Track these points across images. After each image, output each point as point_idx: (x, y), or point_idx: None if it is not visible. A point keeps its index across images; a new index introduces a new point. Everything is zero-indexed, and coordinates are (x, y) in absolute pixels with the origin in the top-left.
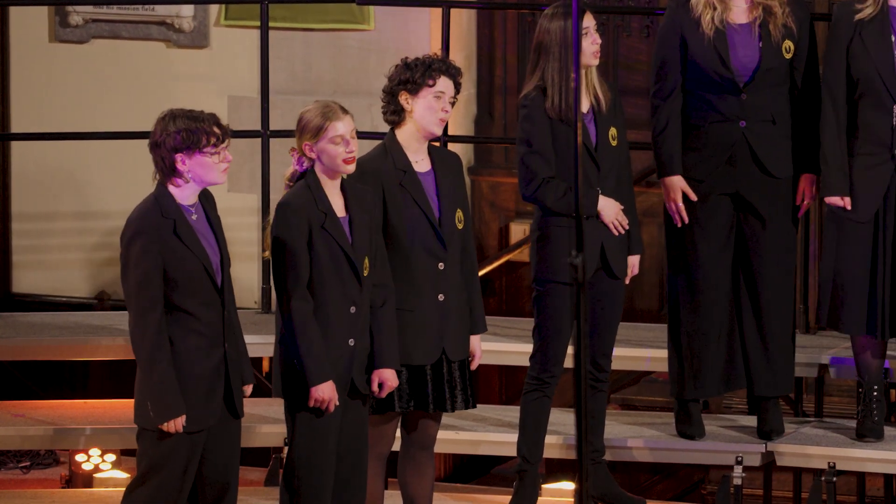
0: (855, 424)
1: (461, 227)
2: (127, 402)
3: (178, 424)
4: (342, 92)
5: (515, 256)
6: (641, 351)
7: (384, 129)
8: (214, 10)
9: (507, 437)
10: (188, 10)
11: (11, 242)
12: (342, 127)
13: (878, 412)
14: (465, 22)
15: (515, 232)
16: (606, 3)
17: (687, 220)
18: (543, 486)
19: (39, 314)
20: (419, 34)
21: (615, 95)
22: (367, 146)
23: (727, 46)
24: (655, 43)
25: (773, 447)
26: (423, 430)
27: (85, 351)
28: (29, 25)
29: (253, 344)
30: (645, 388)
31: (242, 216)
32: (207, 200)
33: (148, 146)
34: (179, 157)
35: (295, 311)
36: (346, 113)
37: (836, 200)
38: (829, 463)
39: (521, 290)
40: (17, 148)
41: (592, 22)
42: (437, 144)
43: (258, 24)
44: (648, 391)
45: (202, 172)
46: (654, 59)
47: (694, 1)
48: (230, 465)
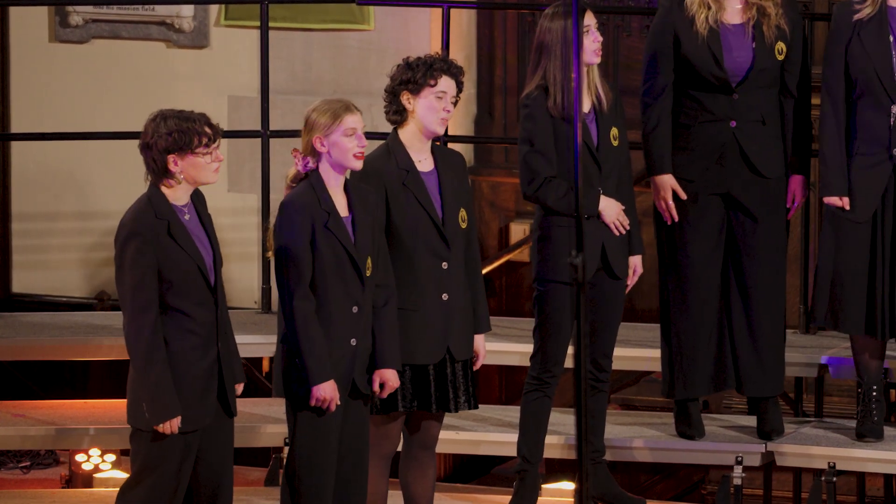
0: (855, 424)
1: (465, 226)
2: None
3: (173, 425)
4: (342, 92)
5: (515, 256)
6: (641, 351)
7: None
8: (214, 10)
9: (507, 437)
10: (188, 10)
11: (11, 242)
12: (355, 121)
13: (877, 412)
14: (465, 22)
15: (515, 232)
16: (606, 3)
17: (677, 218)
18: (543, 486)
19: (39, 314)
20: (419, 34)
21: (616, 95)
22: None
23: (721, 46)
24: (647, 40)
25: (773, 447)
26: (425, 429)
27: (85, 351)
28: (29, 25)
29: (253, 344)
30: (645, 388)
31: (242, 216)
32: (199, 200)
33: (139, 147)
34: (171, 157)
35: (297, 310)
36: (357, 109)
37: (834, 200)
38: (829, 463)
39: (521, 290)
40: (17, 148)
41: (593, 20)
42: (438, 144)
43: (258, 24)
44: (648, 391)
45: (194, 173)
46: (645, 56)
47: (689, 0)
48: (224, 464)
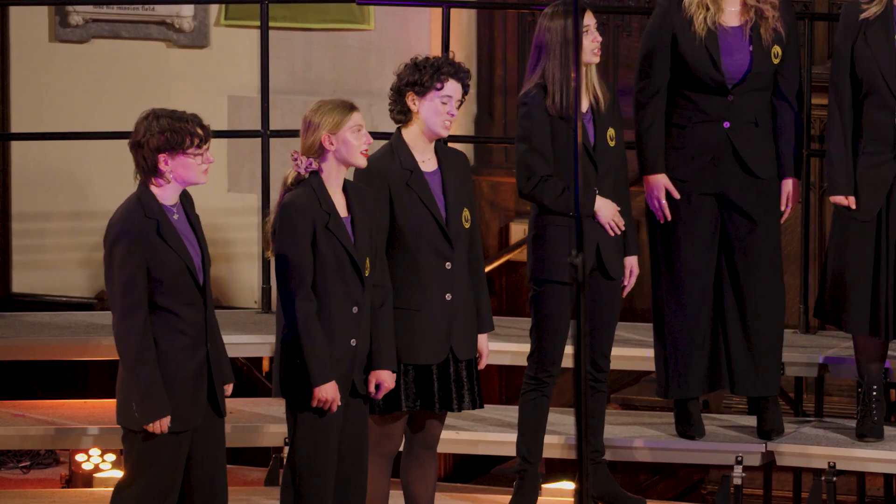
0: (855, 424)
1: (468, 226)
2: None
3: (163, 425)
4: (342, 92)
5: (515, 256)
6: (641, 351)
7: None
8: (214, 9)
9: (505, 436)
10: (188, 9)
11: (11, 242)
12: (360, 118)
13: (877, 412)
14: (465, 22)
15: (515, 232)
16: (606, 2)
17: (670, 217)
18: (543, 485)
19: (39, 314)
20: (419, 34)
21: (614, 96)
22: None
23: (718, 49)
24: (643, 39)
25: (773, 447)
26: (427, 429)
27: (85, 351)
28: (29, 25)
29: (253, 344)
30: (645, 387)
31: (242, 216)
32: (187, 200)
33: (129, 146)
34: (162, 157)
35: (299, 311)
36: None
37: (840, 199)
38: (829, 463)
39: (521, 289)
40: (17, 148)
41: (593, 20)
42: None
43: (258, 23)
44: (648, 391)
45: (184, 173)
46: (641, 55)
47: (687, 1)
48: (217, 464)
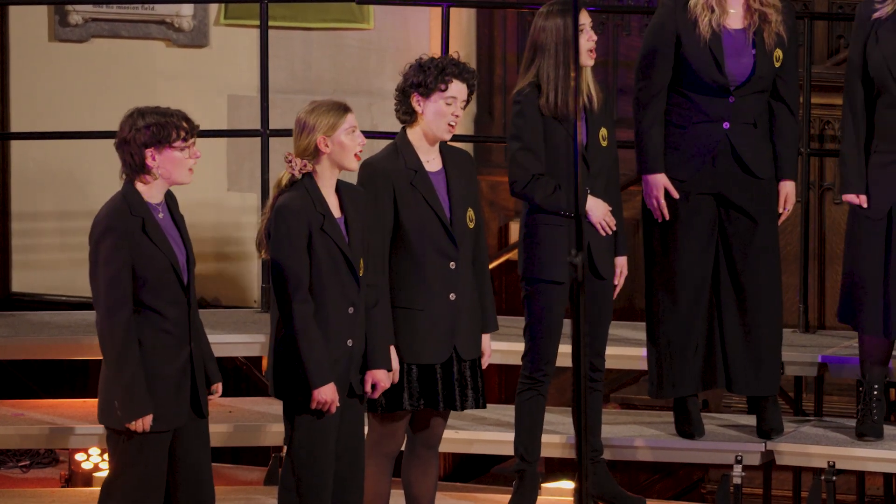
0: (854, 424)
1: (472, 226)
2: None
3: (145, 424)
4: (342, 91)
5: (515, 256)
6: (641, 350)
7: (384, 128)
8: (214, 9)
9: (501, 436)
10: (188, 9)
11: (11, 242)
12: (354, 119)
13: (877, 411)
14: (464, 21)
15: (515, 231)
16: (606, 2)
17: (668, 216)
18: (543, 485)
19: (39, 313)
20: (419, 33)
21: (607, 96)
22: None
23: (722, 51)
24: (646, 37)
25: (772, 446)
26: (430, 428)
27: (85, 350)
28: (29, 24)
29: (253, 343)
30: (644, 387)
31: (242, 215)
32: (171, 200)
33: (115, 145)
34: (149, 152)
35: (296, 313)
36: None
37: (851, 198)
38: (828, 462)
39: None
40: (16, 147)
41: (588, 20)
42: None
43: (258, 23)
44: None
45: (171, 168)
46: (642, 53)
47: (692, 2)
48: (202, 464)
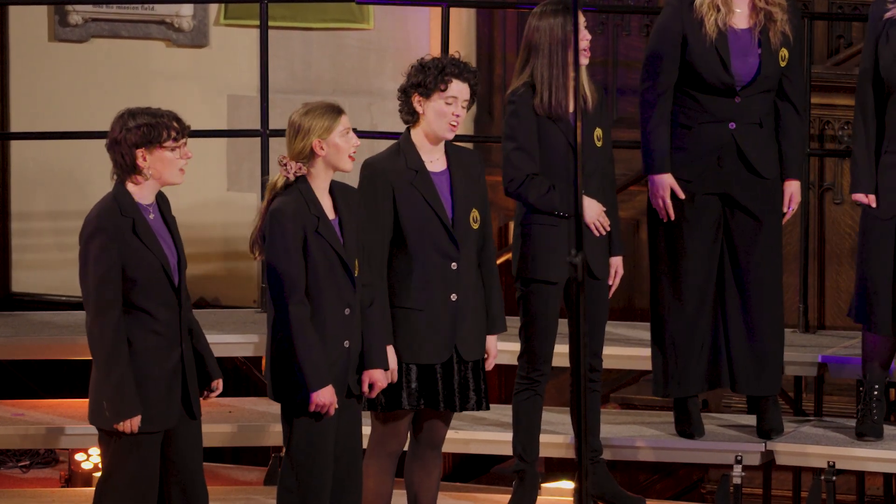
0: (854, 423)
1: (476, 226)
2: None
3: (133, 425)
4: (342, 91)
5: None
6: (641, 350)
7: (384, 128)
8: (214, 9)
9: (498, 435)
10: (188, 9)
11: (11, 241)
12: (348, 121)
13: (877, 411)
14: (464, 21)
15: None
16: (606, 2)
17: (674, 216)
18: (543, 485)
19: (39, 313)
20: (418, 33)
21: (602, 96)
22: (365, 145)
23: (728, 51)
24: (652, 37)
25: (772, 446)
26: (432, 429)
27: (85, 350)
28: (28, 24)
29: (253, 343)
30: (644, 386)
31: (242, 215)
32: (163, 201)
33: (106, 146)
34: (140, 152)
35: (293, 316)
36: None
37: (860, 197)
38: (828, 462)
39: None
40: (16, 147)
41: (582, 19)
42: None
43: (257, 23)
44: (648, 390)
45: (162, 168)
46: (648, 54)
47: (698, 2)
48: (194, 465)
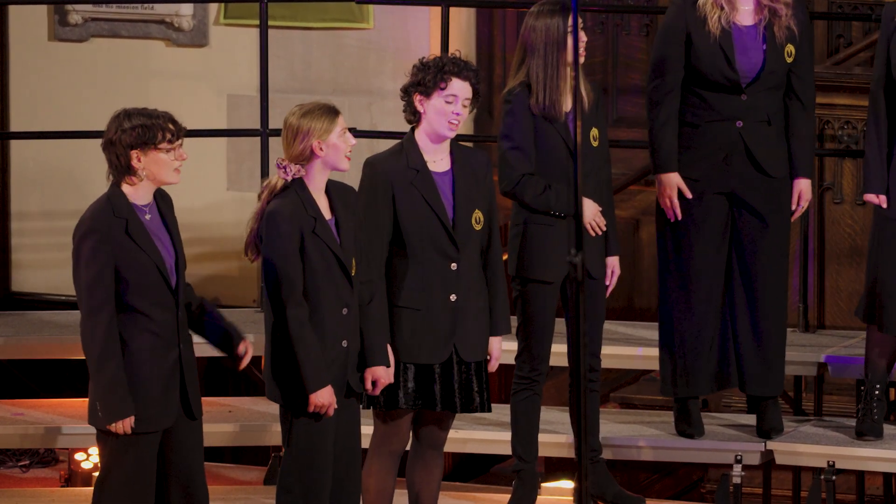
0: (854, 423)
1: (479, 227)
2: None
3: (126, 426)
4: (341, 90)
5: None
6: (640, 350)
7: (383, 127)
8: (214, 8)
9: (497, 435)
10: (187, 8)
11: (11, 241)
12: (343, 121)
13: (878, 411)
14: (464, 20)
15: None
16: (606, 1)
17: (681, 216)
18: (543, 484)
19: (39, 313)
20: (418, 33)
21: (598, 96)
22: (365, 144)
23: (733, 47)
24: (657, 37)
25: (772, 446)
26: (432, 429)
27: None
28: (28, 24)
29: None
30: (644, 386)
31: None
32: (163, 201)
33: (101, 146)
34: (135, 153)
35: (292, 318)
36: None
37: (871, 198)
38: (828, 461)
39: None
40: (16, 147)
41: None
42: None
43: (257, 22)
44: (648, 390)
45: (156, 170)
46: (654, 53)
47: (701, 1)
48: (194, 465)
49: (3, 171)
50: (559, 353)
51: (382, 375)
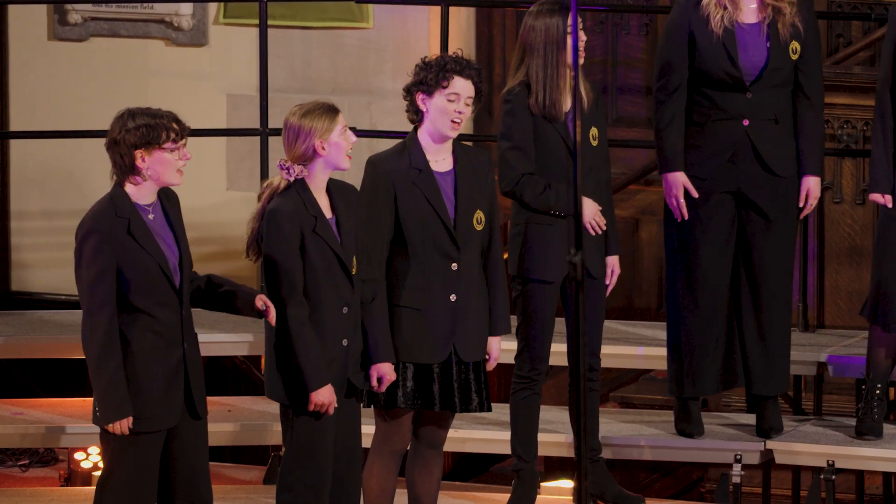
0: (854, 423)
1: (480, 228)
2: None
3: (123, 426)
4: (341, 90)
5: None
6: (640, 349)
7: (383, 127)
8: (213, 8)
9: (496, 434)
10: (187, 8)
11: (11, 241)
12: (343, 119)
13: (878, 410)
14: (463, 20)
15: None
16: (606, 1)
17: (687, 216)
18: (543, 484)
19: (39, 312)
20: (418, 32)
21: (597, 95)
22: (364, 144)
23: (736, 46)
24: (662, 37)
25: (771, 445)
26: (431, 428)
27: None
28: (28, 23)
29: (252, 342)
30: (644, 386)
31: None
32: (169, 200)
33: (105, 146)
34: (139, 153)
35: (292, 317)
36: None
37: (877, 197)
38: (828, 461)
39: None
40: (15, 146)
41: (578, 19)
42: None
43: (257, 22)
44: (647, 389)
45: (160, 170)
46: (659, 53)
47: (705, 1)
48: (198, 465)
49: (2, 170)
50: (559, 352)
51: (388, 372)
